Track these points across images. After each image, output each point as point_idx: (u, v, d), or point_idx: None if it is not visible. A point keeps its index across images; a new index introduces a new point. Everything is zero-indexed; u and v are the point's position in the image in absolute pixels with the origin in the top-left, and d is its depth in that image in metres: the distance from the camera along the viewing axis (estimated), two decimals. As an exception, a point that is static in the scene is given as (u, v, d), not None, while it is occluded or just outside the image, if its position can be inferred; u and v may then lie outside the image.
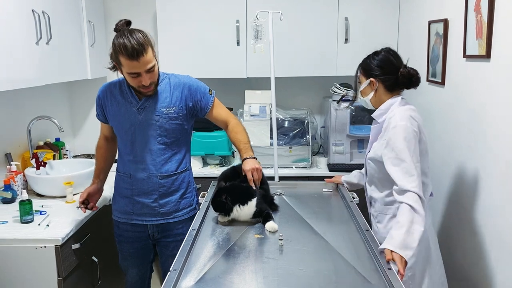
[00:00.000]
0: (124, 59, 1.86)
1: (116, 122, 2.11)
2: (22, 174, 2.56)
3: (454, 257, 2.24)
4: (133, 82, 1.95)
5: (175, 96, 2.08)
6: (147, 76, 1.92)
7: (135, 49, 1.82)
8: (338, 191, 2.29)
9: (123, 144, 2.11)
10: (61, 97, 3.40)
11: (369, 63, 1.98)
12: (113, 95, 2.10)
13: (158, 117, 2.05)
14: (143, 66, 1.88)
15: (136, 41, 1.83)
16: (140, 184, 2.10)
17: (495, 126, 1.85)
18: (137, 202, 2.12)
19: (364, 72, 1.99)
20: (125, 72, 1.93)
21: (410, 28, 2.91)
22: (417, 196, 1.71)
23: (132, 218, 2.15)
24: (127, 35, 1.85)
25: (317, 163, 3.21)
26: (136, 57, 1.84)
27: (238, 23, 3.07)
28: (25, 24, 2.23)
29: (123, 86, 2.09)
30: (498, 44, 1.81)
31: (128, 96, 2.07)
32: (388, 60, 1.95)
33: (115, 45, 1.86)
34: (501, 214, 1.81)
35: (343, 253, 1.58)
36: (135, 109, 2.05)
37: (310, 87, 3.50)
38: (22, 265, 2.00)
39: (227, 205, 1.82)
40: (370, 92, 1.99)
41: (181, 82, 2.12)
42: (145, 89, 1.97)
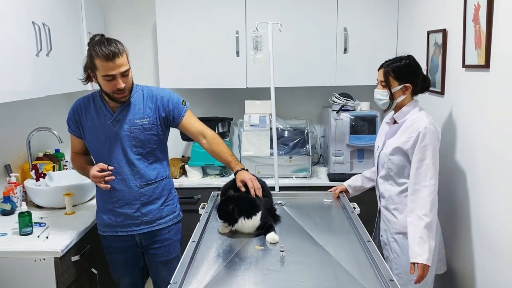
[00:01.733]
0: (100, 62, 1.92)
1: (92, 136, 2.12)
2: (21, 186, 2.55)
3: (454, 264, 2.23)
4: (108, 86, 1.98)
5: (148, 107, 2.11)
6: (121, 80, 1.97)
7: (111, 51, 1.91)
8: (339, 201, 2.28)
9: (100, 157, 2.11)
10: (61, 108, 3.39)
11: (403, 68, 2.07)
12: (87, 110, 2.12)
13: (133, 129, 2.08)
14: (118, 68, 1.94)
15: (113, 46, 1.94)
16: (121, 195, 2.11)
17: (494, 135, 1.85)
18: (120, 214, 2.12)
19: (398, 77, 2.07)
20: (100, 76, 1.96)
21: (409, 38, 2.93)
22: (429, 200, 1.94)
23: (116, 231, 2.15)
24: (103, 41, 1.96)
25: (317, 173, 3.20)
26: (112, 58, 1.91)
27: (238, 34, 3.09)
28: (25, 36, 2.24)
29: (96, 100, 2.12)
30: (497, 54, 1.82)
31: (102, 109, 2.10)
32: (418, 66, 2.11)
33: (91, 51, 1.95)
34: (498, 222, 1.80)
35: (345, 265, 1.57)
36: (110, 122, 2.08)
37: (309, 97, 3.50)
38: (21, 278, 1.98)
39: (233, 215, 1.81)
40: (400, 95, 2.09)
41: (154, 94, 2.15)
42: (119, 94, 2.00)
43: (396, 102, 2.11)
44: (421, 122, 2.00)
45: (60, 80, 2.62)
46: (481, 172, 1.97)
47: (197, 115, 2.27)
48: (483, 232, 1.96)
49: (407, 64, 2.09)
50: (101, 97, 2.11)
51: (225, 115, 3.43)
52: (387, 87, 2.10)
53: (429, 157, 1.96)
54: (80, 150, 2.23)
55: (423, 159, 1.97)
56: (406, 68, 2.08)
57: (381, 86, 2.13)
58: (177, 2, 3.11)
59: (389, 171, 2.12)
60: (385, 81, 2.10)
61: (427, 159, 1.96)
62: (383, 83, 2.11)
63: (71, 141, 2.25)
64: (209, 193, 2.44)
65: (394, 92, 2.09)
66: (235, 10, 3.08)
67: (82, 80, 2.10)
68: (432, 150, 1.96)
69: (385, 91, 2.10)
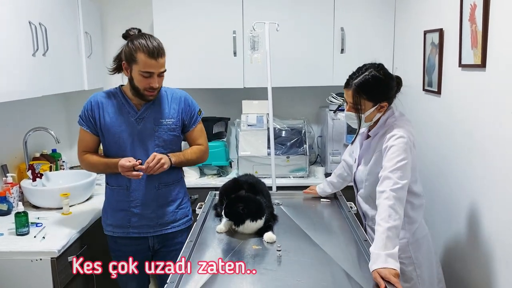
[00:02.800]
0: (143, 56, 1.91)
1: (112, 132, 2.07)
2: (18, 186, 2.54)
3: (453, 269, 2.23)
4: (143, 83, 1.97)
5: (173, 108, 2.11)
6: (157, 79, 1.97)
7: (156, 49, 1.92)
8: (336, 201, 2.28)
9: (119, 155, 2.07)
10: (57, 108, 3.39)
11: (375, 87, 1.81)
12: (107, 105, 2.08)
13: (157, 128, 2.07)
14: (159, 67, 1.96)
15: (157, 43, 1.95)
16: (137, 195, 2.09)
17: (491, 135, 1.85)
18: (135, 214, 2.10)
19: (371, 97, 1.81)
20: (138, 71, 1.94)
21: (406, 37, 2.93)
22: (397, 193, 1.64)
23: (128, 232, 2.13)
24: (148, 37, 1.96)
25: (314, 173, 3.20)
26: (156, 56, 1.92)
27: (235, 33, 3.09)
28: (21, 36, 2.24)
29: (117, 96, 2.09)
30: (493, 53, 1.82)
31: (125, 106, 2.07)
32: (391, 78, 1.85)
33: (135, 42, 1.93)
34: (496, 222, 1.81)
35: (342, 264, 1.57)
36: (134, 119, 2.06)
37: (306, 96, 3.50)
38: (18, 278, 1.98)
39: (241, 216, 1.79)
40: (375, 115, 1.86)
41: (179, 95, 2.15)
42: (150, 92, 2.00)
43: (370, 124, 1.90)
44: (395, 132, 1.77)
45: (57, 80, 2.62)
46: (478, 171, 1.97)
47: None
48: (482, 236, 1.97)
49: (378, 79, 1.80)
50: (123, 93, 2.08)
51: (222, 115, 3.43)
52: (358, 110, 1.83)
53: (404, 160, 1.70)
54: (90, 148, 2.14)
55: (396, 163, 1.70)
56: (379, 84, 1.80)
57: (352, 108, 1.86)
58: (174, 2, 3.10)
59: (368, 193, 1.94)
60: (355, 103, 1.82)
61: (400, 162, 1.70)
62: (354, 106, 1.84)
63: (80, 137, 2.14)
64: (206, 193, 2.43)
65: (367, 116, 1.85)
66: (232, 10, 3.08)
67: (110, 70, 2.08)
68: (405, 156, 1.71)
69: (357, 116, 1.84)
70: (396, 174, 1.66)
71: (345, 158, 2.23)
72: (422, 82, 2.61)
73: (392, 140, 1.75)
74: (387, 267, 1.43)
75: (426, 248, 1.94)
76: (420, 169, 2.05)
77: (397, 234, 1.56)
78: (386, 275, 1.41)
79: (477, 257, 1.99)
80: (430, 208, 2.51)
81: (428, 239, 1.96)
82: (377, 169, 1.80)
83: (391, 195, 1.62)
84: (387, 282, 1.39)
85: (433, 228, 2.46)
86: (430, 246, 1.97)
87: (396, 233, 1.55)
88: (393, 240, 1.52)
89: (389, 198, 1.61)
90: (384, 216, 1.57)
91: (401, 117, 1.88)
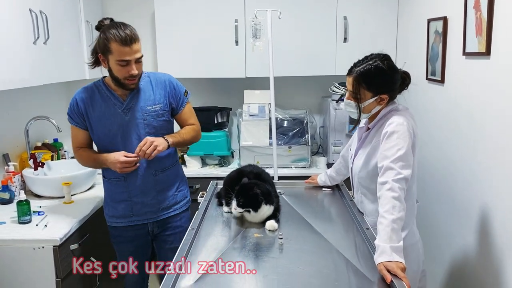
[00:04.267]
0: (116, 46, 1.90)
1: (101, 126, 2.06)
2: (20, 175, 2.54)
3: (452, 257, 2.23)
4: (121, 72, 1.96)
5: (158, 93, 2.10)
6: (135, 66, 1.96)
7: (128, 36, 1.90)
8: (337, 191, 2.28)
9: (112, 148, 2.06)
10: (59, 97, 3.38)
11: (376, 77, 1.76)
12: (93, 100, 2.07)
13: (145, 115, 2.07)
14: (134, 53, 1.93)
15: (129, 30, 1.93)
16: (136, 184, 2.10)
17: (495, 123, 1.84)
18: (137, 203, 2.12)
19: (370, 87, 1.77)
20: (114, 61, 1.93)
21: (409, 26, 2.90)
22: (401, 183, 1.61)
23: (132, 220, 2.14)
24: (119, 25, 1.94)
25: (316, 163, 3.20)
26: (129, 43, 1.90)
27: (237, 22, 3.06)
28: (22, 24, 2.22)
29: (100, 89, 2.08)
30: (498, 41, 1.80)
31: (110, 98, 2.06)
32: (394, 69, 1.79)
33: (106, 33, 1.91)
34: (499, 212, 1.80)
35: (343, 252, 1.57)
36: (120, 110, 2.06)
37: (309, 86, 3.49)
38: (20, 266, 1.98)
39: (258, 199, 1.75)
40: (375, 106, 1.81)
41: (163, 79, 2.14)
42: (131, 80, 1.99)
43: (369, 115, 1.84)
44: (394, 120, 1.73)
45: (58, 68, 2.60)
46: (481, 160, 1.96)
47: (195, 105, 2.28)
48: (483, 230, 1.96)
49: (380, 69, 1.75)
50: (106, 85, 2.07)
51: (224, 104, 3.42)
52: (358, 99, 1.79)
53: (404, 148, 1.66)
54: (84, 143, 2.15)
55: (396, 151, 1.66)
56: (381, 75, 1.76)
57: (351, 97, 1.82)
58: (175, -9, 3.08)
59: (364, 188, 1.90)
60: (355, 91, 1.79)
61: (400, 150, 1.66)
62: (353, 94, 1.80)
63: (73, 134, 2.16)
64: (208, 182, 2.43)
65: (366, 106, 1.80)
66: (234, -2, 3.06)
67: (89, 64, 2.07)
68: (405, 142, 1.67)
69: (356, 104, 1.81)
70: (398, 164, 1.63)
71: (343, 153, 2.20)
72: (425, 71, 2.59)
73: (392, 126, 1.71)
74: (393, 260, 1.41)
75: (415, 257, 1.85)
76: (421, 161, 2.00)
77: (402, 225, 1.54)
78: (394, 268, 1.38)
79: (487, 263, 1.98)
80: (433, 206, 2.50)
81: (417, 248, 1.88)
82: (373, 160, 1.78)
83: (395, 186, 1.59)
84: (393, 275, 1.37)
85: (436, 228, 2.46)
86: (419, 255, 1.88)
87: (400, 224, 1.53)
88: (397, 232, 1.50)
89: (392, 189, 1.58)
90: (388, 208, 1.55)
91: (404, 110, 1.82)
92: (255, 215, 1.78)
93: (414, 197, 1.88)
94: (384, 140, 1.72)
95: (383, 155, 1.69)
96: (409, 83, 1.86)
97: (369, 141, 1.86)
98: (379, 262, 1.42)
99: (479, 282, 1.97)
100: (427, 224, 2.54)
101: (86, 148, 2.16)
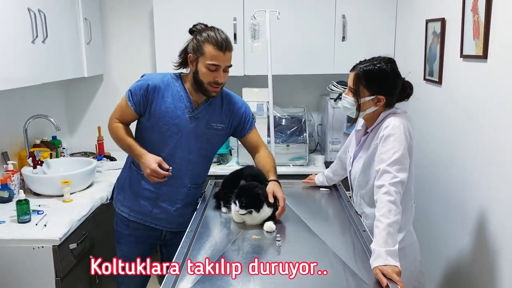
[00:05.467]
0: (211, 48, 1.86)
1: (161, 121, 1.97)
2: (19, 173, 2.55)
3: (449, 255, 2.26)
4: (207, 76, 1.90)
5: (225, 113, 2.06)
6: (223, 74, 1.92)
7: (224, 41, 1.88)
8: (335, 191, 2.30)
9: (160, 148, 2.00)
10: (57, 95, 3.39)
11: (377, 75, 1.78)
12: (166, 92, 1.97)
13: (208, 130, 2.03)
14: (226, 61, 1.90)
15: (226, 37, 1.91)
16: (167, 190, 2.05)
17: (491, 126, 1.85)
18: (159, 206, 2.07)
19: (369, 85, 1.80)
20: (204, 63, 1.88)
21: (408, 26, 2.91)
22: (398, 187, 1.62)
23: (146, 220, 2.10)
24: (217, 30, 1.92)
25: (314, 161, 3.21)
26: (224, 49, 1.87)
27: (235, 20, 3.06)
28: (21, 23, 2.22)
29: (177, 86, 2.00)
30: (495, 45, 1.81)
31: (183, 100, 1.99)
32: (396, 74, 1.81)
33: (204, 34, 1.89)
34: (496, 213, 1.82)
35: (340, 254, 1.59)
36: (188, 116, 1.99)
37: (307, 84, 3.49)
38: (20, 265, 2.00)
39: (260, 199, 1.77)
40: (370, 106, 1.82)
41: (234, 101, 2.11)
42: (214, 87, 1.93)
43: (364, 114, 1.85)
44: (391, 124, 1.74)
45: (57, 67, 2.61)
46: (478, 160, 1.98)
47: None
48: (478, 230, 1.98)
49: (382, 71, 1.78)
50: (184, 84, 2.00)
51: (222, 102, 3.42)
52: (356, 95, 1.83)
53: (400, 151, 1.67)
54: (126, 121, 2.04)
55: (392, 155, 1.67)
56: (381, 76, 1.78)
57: (350, 92, 1.85)
58: (174, -12, 3.07)
59: (363, 190, 1.91)
60: (354, 87, 1.82)
61: (397, 153, 1.67)
62: (352, 90, 1.83)
63: (121, 108, 2.02)
64: (206, 180, 2.44)
65: (362, 103, 1.82)
66: (232, -3, 3.05)
67: (175, 64, 2.02)
68: (400, 146, 1.69)
69: (354, 100, 1.83)
70: (394, 167, 1.65)
71: (340, 155, 2.21)
72: (423, 71, 2.60)
73: (388, 129, 1.72)
74: (388, 264, 1.43)
75: (412, 257, 1.88)
76: (418, 162, 2.02)
77: (398, 228, 1.56)
78: (389, 273, 1.40)
79: (483, 263, 2.00)
80: (430, 206, 2.52)
81: (415, 248, 1.91)
82: (372, 165, 1.79)
83: (391, 189, 1.60)
84: (389, 280, 1.39)
85: (433, 228, 2.49)
86: (416, 255, 1.91)
87: (396, 228, 1.55)
88: (393, 236, 1.52)
89: (388, 192, 1.60)
90: (384, 211, 1.56)
91: (403, 113, 1.83)
92: (256, 216, 1.79)
93: (412, 198, 1.90)
94: (380, 143, 1.74)
95: (379, 158, 1.71)
96: (410, 93, 1.86)
97: (368, 145, 1.88)
98: (375, 266, 1.44)
99: (475, 282, 2.00)
100: (424, 225, 2.57)
101: (125, 126, 2.04)
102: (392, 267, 1.42)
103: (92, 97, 3.54)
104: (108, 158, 3.25)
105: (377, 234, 1.53)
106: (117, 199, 2.16)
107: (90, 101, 3.55)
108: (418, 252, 1.94)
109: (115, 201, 2.18)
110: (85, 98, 3.53)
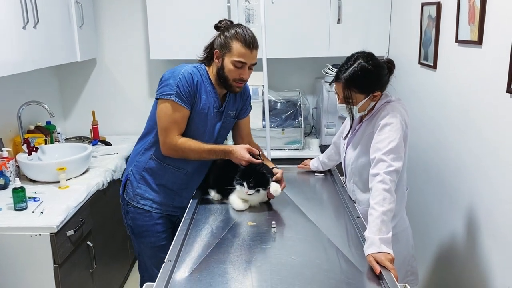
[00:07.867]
0: (238, 45, 1.87)
1: (197, 118, 1.96)
2: (14, 160, 2.54)
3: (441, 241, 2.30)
4: (233, 73, 1.90)
5: (238, 100, 2.12)
6: (248, 72, 1.93)
7: (252, 39, 1.88)
8: (329, 176, 2.32)
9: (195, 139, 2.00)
10: (51, 81, 3.36)
11: (365, 79, 1.77)
12: (202, 87, 1.95)
13: (225, 119, 2.07)
14: (251, 59, 1.91)
15: (253, 35, 1.91)
16: (194, 180, 2.10)
17: (485, 111, 1.86)
18: (181, 196, 2.10)
19: (362, 89, 1.79)
20: (230, 60, 1.88)
21: (403, 9, 2.89)
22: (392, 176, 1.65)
23: (168, 210, 2.11)
24: (244, 27, 1.91)
25: (309, 145, 3.23)
26: (251, 47, 1.88)
27: (229, 3, 3.02)
28: (11, 8, 2.18)
29: (207, 80, 1.98)
30: (490, 31, 1.81)
31: (212, 95, 1.98)
32: (381, 67, 1.81)
33: (231, 31, 1.89)
34: (487, 197, 1.85)
35: (335, 241, 1.62)
36: (216, 111, 2.01)
37: (302, 68, 3.48)
38: (18, 253, 2.01)
39: (266, 177, 1.84)
40: (369, 104, 1.85)
41: (247, 92, 2.16)
42: (238, 83, 1.94)
43: (365, 112, 1.88)
44: (389, 112, 1.77)
45: (49, 52, 2.58)
46: (471, 146, 1.99)
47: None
48: (474, 214, 2.01)
49: (368, 70, 1.76)
50: (220, 75, 1.94)
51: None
52: (351, 103, 1.81)
53: (395, 140, 1.70)
54: (183, 130, 1.94)
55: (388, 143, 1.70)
56: (369, 75, 1.77)
57: (344, 101, 1.83)
58: (166, -30, 3.02)
59: (357, 177, 1.94)
60: (346, 97, 1.80)
61: (392, 142, 1.70)
62: (345, 99, 1.81)
63: (176, 119, 1.90)
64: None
65: (360, 107, 1.83)
66: (226, -21, 3.01)
67: (200, 59, 2.01)
68: (397, 135, 1.71)
69: (351, 107, 1.83)
70: (389, 156, 1.67)
71: (335, 140, 2.22)
72: (418, 55, 2.59)
73: (386, 119, 1.75)
74: (382, 252, 1.45)
75: (405, 242, 1.93)
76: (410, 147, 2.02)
77: (391, 216, 1.59)
78: (383, 260, 1.43)
79: (474, 247, 2.03)
80: (422, 192, 2.55)
81: (407, 233, 1.96)
82: (367, 152, 1.81)
83: (386, 178, 1.62)
84: (382, 267, 1.42)
85: (425, 213, 2.52)
86: (409, 240, 1.96)
87: (390, 216, 1.57)
88: (387, 224, 1.54)
89: (383, 181, 1.62)
90: (379, 200, 1.59)
91: (397, 101, 1.85)
92: (260, 194, 1.86)
93: (405, 184, 1.93)
94: (376, 132, 1.76)
95: (375, 147, 1.72)
96: (394, 69, 1.86)
97: (363, 132, 1.90)
98: (368, 254, 1.47)
99: (466, 264, 2.04)
100: (417, 210, 2.60)
101: (189, 138, 1.94)
102: (385, 254, 1.45)
103: (85, 81, 3.51)
104: (103, 142, 3.24)
105: (371, 222, 1.55)
106: (136, 193, 2.08)
107: (84, 85, 3.52)
108: (410, 237, 1.97)
109: (132, 195, 2.09)
110: (79, 83, 3.50)
